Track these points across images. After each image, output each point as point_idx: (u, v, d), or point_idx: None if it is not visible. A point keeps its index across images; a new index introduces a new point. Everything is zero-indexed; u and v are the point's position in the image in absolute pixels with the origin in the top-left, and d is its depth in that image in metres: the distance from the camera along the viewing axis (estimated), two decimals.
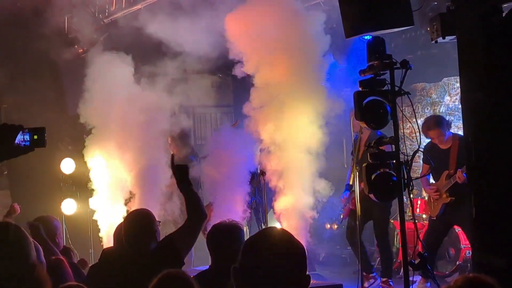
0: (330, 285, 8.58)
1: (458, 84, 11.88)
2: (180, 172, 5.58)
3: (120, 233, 5.60)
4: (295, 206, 9.11)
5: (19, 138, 3.36)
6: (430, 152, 9.12)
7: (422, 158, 8.56)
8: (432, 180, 9.47)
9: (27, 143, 3.34)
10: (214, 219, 7.56)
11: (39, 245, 4.81)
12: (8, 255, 3.25)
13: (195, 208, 5.48)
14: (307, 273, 2.84)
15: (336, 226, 11.20)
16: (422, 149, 6.72)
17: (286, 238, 2.87)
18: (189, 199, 5.51)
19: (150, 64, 10.75)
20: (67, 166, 11.02)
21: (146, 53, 10.76)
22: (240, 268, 2.82)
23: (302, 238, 8.74)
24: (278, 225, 8.96)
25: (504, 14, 5.59)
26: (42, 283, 3.32)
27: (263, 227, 9.30)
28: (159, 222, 5.73)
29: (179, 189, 5.58)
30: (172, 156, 5.89)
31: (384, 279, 9.31)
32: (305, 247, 2.89)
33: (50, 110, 11.52)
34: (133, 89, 10.09)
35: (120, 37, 10.53)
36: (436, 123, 9.10)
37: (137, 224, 5.45)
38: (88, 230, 10.90)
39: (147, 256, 5.27)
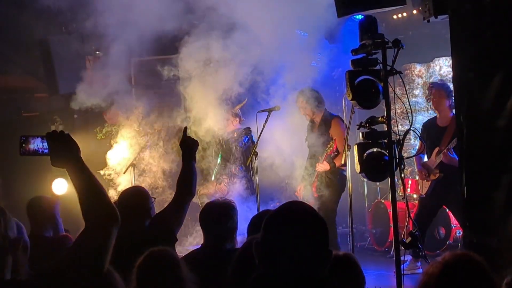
0: None
1: (449, 64, 11.90)
2: (189, 146, 5.57)
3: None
4: None
5: (39, 145, 3.36)
6: (428, 129, 9.18)
7: (420, 136, 8.61)
8: (426, 159, 9.51)
9: (46, 151, 3.31)
10: None
11: (21, 224, 4.80)
12: None
13: (187, 183, 5.46)
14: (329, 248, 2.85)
15: None
16: (413, 128, 6.71)
17: (308, 212, 2.88)
18: (186, 173, 5.48)
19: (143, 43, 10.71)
20: None
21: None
22: (262, 242, 2.82)
23: None
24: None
25: None
26: (19, 263, 3.28)
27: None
28: (154, 199, 5.73)
29: (182, 161, 5.55)
30: (185, 128, 5.83)
31: None
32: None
33: (41, 90, 11.50)
34: None
35: None
36: (444, 86, 9.26)
37: (131, 201, 5.45)
38: (79, 209, 10.88)
39: (141, 233, 5.27)
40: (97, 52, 11.12)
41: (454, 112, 9.06)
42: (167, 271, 3.97)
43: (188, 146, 5.57)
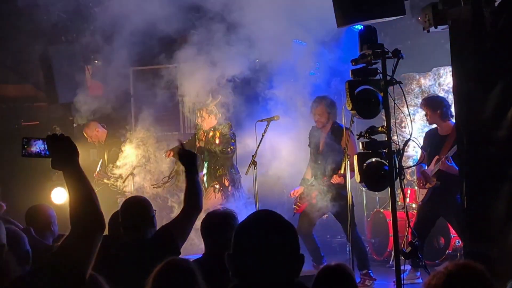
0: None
1: (448, 74, 11.92)
2: (189, 158, 5.52)
3: (116, 220, 5.59)
4: None
5: (40, 147, 3.43)
6: (430, 138, 9.20)
7: (422, 145, 8.62)
8: (426, 167, 9.52)
9: (47, 152, 3.36)
10: None
11: (24, 235, 4.80)
12: None
13: (194, 198, 5.44)
14: (300, 252, 2.86)
15: (326, 216, 11.21)
16: (413, 138, 6.72)
17: (277, 219, 2.89)
18: (191, 188, 5.44)
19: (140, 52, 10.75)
20: None
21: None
22: (234, 254, 2.83)
23: None
24: None
25: (496, 4, 5.60)
26: (8, 269, 3.31)
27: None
28: (155, 210, 5.72)
29: (185, 175, 5.49)
30: (182, 143, 5.80)
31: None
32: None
33: (40, 99, 11.51)
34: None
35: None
36: (429, 101, 9.32)
37: (134, 211, 5.45)
38: None
39: (144, 244, 5.27)
40: (96, 62, 11.13)
41: (453, 121, 9.09)
42: (184, 280, 3.97)
43: (188, 160, 5.52)
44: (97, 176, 10.80)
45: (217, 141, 10.28)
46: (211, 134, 10.35)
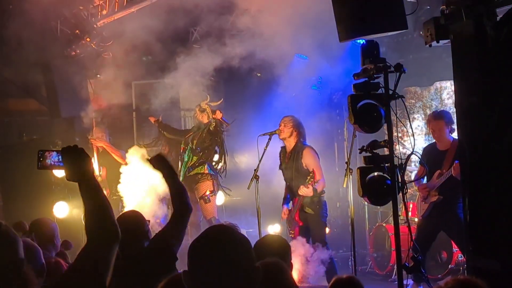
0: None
1: (450, 88, 11.93)
2: (161, 163, 5.31)
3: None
4: None
5: (54, 159, 3.50)
6: (428, 154, 9.17)
7: (420, 160, 8.59)
8: (425, 181, 9.50)
9: (61, 164, 3.39)
10: None
11: (39, 248, 4.82)
12: None
13: (181, 199, 5.27)
14: (257, 264, 2.86)
15: (328, 230, 11.20)
16: (416, 153, 6.72)
17: (229, 234, 2.89)
18: (175, 190, 5.27)
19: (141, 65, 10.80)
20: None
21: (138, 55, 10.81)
22: (189, 272, 2.83)
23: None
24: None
25: (498, 18, 5.61)
26: (27, 281, 3.34)
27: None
28: (149, 221, 5.70)
29: (165, 181, 5.28)
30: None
31: None
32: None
33: (43, 114, 11.52)
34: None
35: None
36: (441, 115, 9.22)
37: (128, 226, 5.42)
38: (80, 233, 10.87)
39: (141, 254, 5.25)
40: (98, 76, 11.16)
41: (452, 136, 9.09)
42: None
43: (160, 164, 5.28)
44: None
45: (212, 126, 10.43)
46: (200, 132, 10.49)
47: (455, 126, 8.88)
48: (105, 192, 3.45)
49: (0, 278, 3.19)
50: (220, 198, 11.03)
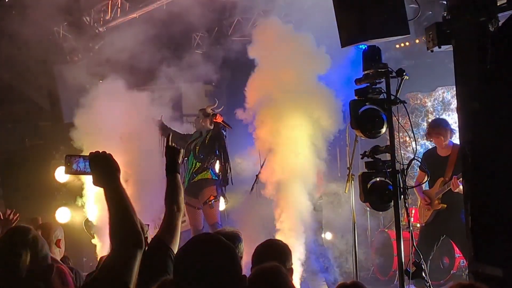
0: None
1: (452, 93, 11.92)
2: (172, 153, 4.95)
3: None
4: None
5: (81, 165, 3.49)
6: (429, 159, 9.14)
7: (419, 166, 8.56)
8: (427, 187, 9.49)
9: (88, 170, 3.42)
10: None
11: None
12: (31, 257, 3.47)
13: (173, 199, 4.85)
14: (243, 273, 2.87)
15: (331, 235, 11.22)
16: (417, 157, 6.71)
17: (214, 242, 2.91)
18: (172, 187, 4.87)
19: (145, 72, 10.79)
20: (62, 174, 10.98)
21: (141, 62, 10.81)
22: (175, 280, 2.84)
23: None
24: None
25: (500, 23, 5.61)
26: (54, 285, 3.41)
27: None
28: (148, 225, 5.66)
29: (166, 173, 4.87)
30: (169, 135, 5.42)
31: None
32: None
33: (45, 118, 11.52)
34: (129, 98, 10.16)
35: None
36: (440, 124, 9.17)
37: None
38: (81, 238, 10.88)
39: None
40: (101, 81, 11.16)
41: (452, 141, 9.08)
42: None
43: (171, 155, 4.89)
44: None
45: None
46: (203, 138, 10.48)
47: (455, 130, 8.89)
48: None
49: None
50: (222, 204, 11.04)
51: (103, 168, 3.33)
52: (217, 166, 10.66)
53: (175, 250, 5.35)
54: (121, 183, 3.33)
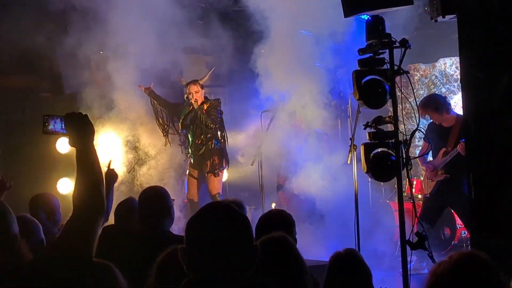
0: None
1: (453, 64, 11.88)
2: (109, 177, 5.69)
3: (122, 210, 5.58)
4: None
5: (58, 126, 3.44)
6: (433, 130, 9.14)
7: (424, 137, 8.54)
8: (430, 158, 9.48)
9: (65, 131, 3.37)
10: None
11: (39, 224, 4.80)
12: None
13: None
14: (255, 243, 2.85)
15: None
16: (420, 128, 6.70)
17: (226, 210, 2.88)
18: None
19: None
20: (63, 145, 10.96)
21: None
22: (186, 248, 2.82)
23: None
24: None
25: None
26: (22, 256, 3.35)
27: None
28: (173, 200, 5.69)
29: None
30: (110, 161, 5.93)
31: None
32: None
33: (46, 89, 11.48)
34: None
35: None
36: (434, 108, 9.12)
37: (152, 200, 5.42)
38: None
39: (162, 233, 5.24)
40: (101, 52, 11.10)
41: (455, 112, 9.05)
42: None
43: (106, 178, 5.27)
44: None
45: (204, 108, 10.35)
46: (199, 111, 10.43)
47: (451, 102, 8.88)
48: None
49: None
50: (225, 175, 11.04)
51: (78, 128, 3.27)
52: (219, 135, 10.62)
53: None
54: (94, 146, 3.26)
